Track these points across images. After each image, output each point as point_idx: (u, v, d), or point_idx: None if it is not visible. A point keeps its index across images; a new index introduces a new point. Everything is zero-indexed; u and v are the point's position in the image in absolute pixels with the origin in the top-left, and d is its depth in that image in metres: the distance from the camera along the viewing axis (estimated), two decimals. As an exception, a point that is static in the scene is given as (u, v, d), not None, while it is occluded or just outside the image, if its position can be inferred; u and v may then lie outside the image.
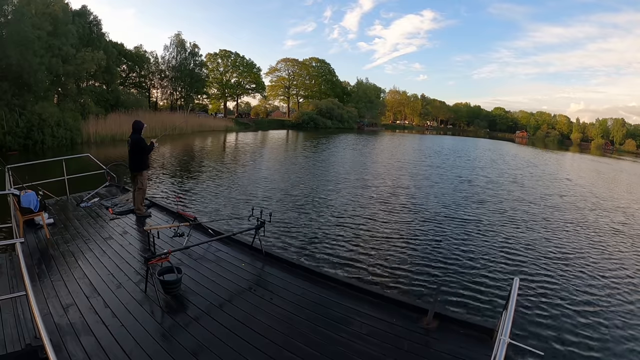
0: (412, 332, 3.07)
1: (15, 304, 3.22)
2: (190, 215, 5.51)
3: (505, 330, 2.00)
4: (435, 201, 11.86)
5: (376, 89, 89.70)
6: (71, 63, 23.15)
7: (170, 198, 10.18)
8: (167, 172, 14.53)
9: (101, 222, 5.65)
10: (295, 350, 2.75)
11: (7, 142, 17.00)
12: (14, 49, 17.60)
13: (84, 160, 8.92)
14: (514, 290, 2.42)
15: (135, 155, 5.84)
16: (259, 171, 16.05)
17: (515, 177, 19.46)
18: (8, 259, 4.22)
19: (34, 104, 19.04)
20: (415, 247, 7.39)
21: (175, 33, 48.78)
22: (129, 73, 44.75)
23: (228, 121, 50.61)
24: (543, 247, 8.04)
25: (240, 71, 63.55)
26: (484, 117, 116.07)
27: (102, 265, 4.11)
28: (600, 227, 10.34)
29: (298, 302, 3.48)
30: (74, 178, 7.36)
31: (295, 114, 69.63)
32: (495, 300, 5.39)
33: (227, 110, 66.60)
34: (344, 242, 7.42)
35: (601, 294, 5.97)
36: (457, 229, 8.79)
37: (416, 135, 68.24)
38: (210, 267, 4.16)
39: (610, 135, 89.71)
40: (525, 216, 10.71)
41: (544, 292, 5.84)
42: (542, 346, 4.35)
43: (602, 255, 7.85)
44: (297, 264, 4.32)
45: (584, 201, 14.25)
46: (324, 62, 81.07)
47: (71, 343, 2.73)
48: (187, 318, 3.16)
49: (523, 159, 32.02)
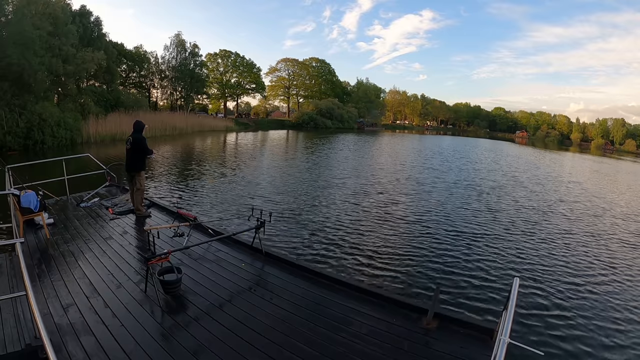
0: (412, 332, 3.06)
1: (15, 304, 3.22)
2: (190, 215, 5.50)
3: (505, 330, 1.99)
4: (435, 201, 11.85)
5: (376, 89, 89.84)
6: (71, 63, 23.14)
7: (170, 198, 10.18)
8: (167, 172, 14.52)
9: (101, 222, 5.65)
10: (295, 350, 2.75)
11: (7, 142, 16.99)
12: (15, 48, 17.57)
13: (84, 160, 8.94)
14: (514, 290, 2.42)
15: (135, 153, 5.87)
16: (259, 171, 16.04)
17: (516, 177, 19.48)
18: (8, 259, 4.22)
19: (34, 104, 19.01)
20: (416, 247, 7.38)
21: (175, 33, 48.99)
22: (129, 73, 44.84)
23: (228, 121, 50.67)
24: (543, 247, 8.03)
25: (240, 71, 63.61)
26: (484, 117, 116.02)
27: (102, 265, 4.11)
28: (600, 228, 10.33)
29: (298, 302, 3.48)
30: (74, 178, 7.36)
31: (295, 114, 69.66)
32: (495, 300, 5.39)
33: (227, 110, 66.65)
34: (344, 242, 7.42)
35: (601, 294, 5.96)
36: (457, 229, 8.78)
37: (416, 135, 68.22)
38: (210, 267, 4.16)
39: (610, 135, 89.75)
40: (526, 217, 10.71)
41: (544, 292, 5.83)
42: (542, 346, 4.35)
43: (602, 255, 7.85)
44: (297, 264, 4.32)
45: (583, 201, 14.25)
46: (324, 62, 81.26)
47: (71, 343, 2.73)
48: (187, 318, 3.15)
49: (522, 159, 32.01)
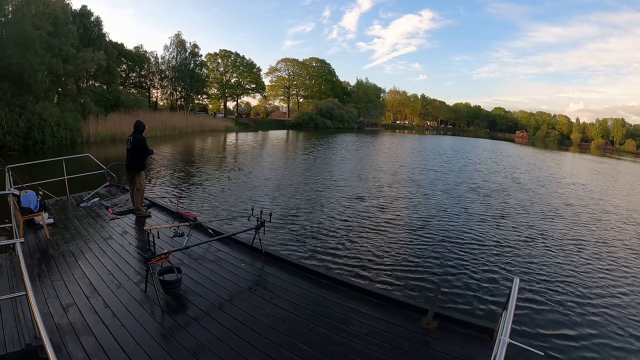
0: (412, 332, 3.06)
1: (15, 304, 3.22)
2: (191, 215, 5.50)
3: (505, 330, 2.00)
4: (435, 201, 11.85)
5: (376, 89, 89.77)
6: (71, 63, 23.13)
7: (170, 198, 10.17)
8: (167, 172, 14.51)
9: (101, 222, 5.65)
10: (295, 350, 2.75)
11: (7, 142, 16.98)
12: (15, 48, 17.56)
13: (84, 160, 8.93)
14: (514, 290, 2.42)
15: (135, 153, 5.88)
16: (259, 171, 16.04)
17: (516, 178, 19.47)
18: (8, 259, 4.21)
19: (34, 103, 19.01)
20: (416, 247, 7.38)
21: (175, 33, 48.93)
22: (129, 73, 44.81)
23: (228, 121, 50.67)
24: (543, 247, 8.03)
25: (240, 71, 63.59)
26: (484, 117, 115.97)
27: (102, 265, 4.11)
28: (600, 228, 10.33)
29: (298, 302, 3.48)
30: (74, 178, 7.36)
31: (295, 114, 69.64)
32: (495, 300, 5.39)
33: (227, 110, 66.62)
34: (344, 241, 7.42)
35: (602, 294, 5.96)
36: (457, 229, 8.78)
37: (416, 135, 68.20)
38: (210, 267, 4.16)
39: (610, 135, 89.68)
40: (526, 217, 10.71)
41: (544, 292, 5.83)
42: (542, 346, 4.34)
43: (602, 255, 7.84)
44: (297, 264, 4.32)
45: (583, 201, 14.25)
46: (324, 62, 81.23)
47: (71, 343, 2.73)
48: (187, 318, 3.15)
49: (524, 160, 32.01)
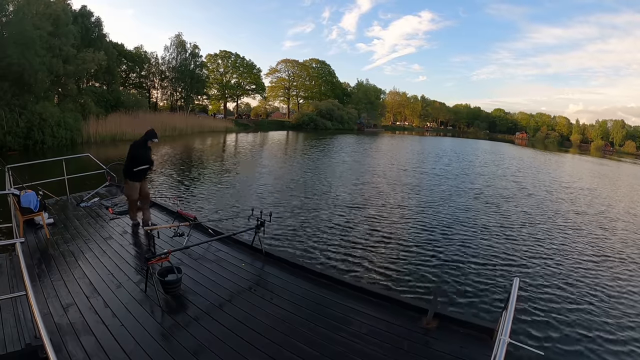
0: (412, 332, 3.07)
1: (15, 303, 3.21)
2: (190, 215, 5.50)
3: (505, 330, 2.00)
4: (435, 202, 11.86)
5: (376, 90, 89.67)
6: (72, 63, 23.15)
7: (170, 198, 10.17)
8: (168, 172, 14.52)
9: (101, 222, 5.64)
10: (295, 350, 2.75)
11: (7, 142, 16.98)
12: (15, 48, 17.56)
13: (84, 160, 8.93)
14: (514, 290, 2.43)
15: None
16: (259, 171, 16.04)
17: (515, 178, 19.48)
18: (8, 259, 4.21)
19: (34, 104, 19.00)
20: (416, 247, 7.39)
21: (175, 34, 48.88)
22: (129, 73, 44.85)
23: (228, 122, 50.67)
24: (543, 247, 8.04)
25: (240, 72, 63.57)
26: (483, 118, 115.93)
27: (102, 265, 4.10)
28: (600, 228, 10.34)
29: (298, 302, 3.48)
30: (74, 178, 7.35)
31: (295, 115, 69.61)
32: (495, 300, 5.40)
33: (227, 111, 66.63)
34: (344, 242, 7.42)
35: (602, 294, 5.96)
36: (458, 230, 8.79)
37: (416, 136, 68.25)
38: (210, 267, 4.16)
39: (610, 137, 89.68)
40: (526, 217, 10.72)
41: (544, 292, 5.84)
42: (542, 346, 4.35)
43: (602, 255, 7.85)
44: (297, 264, 4.32)
45: (582, 202, 14.26)
46: (324, 63, 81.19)
47: (71, 343, 2.72)
48: (187, 318, 3.15)
49: (524, 161, 32.05)
